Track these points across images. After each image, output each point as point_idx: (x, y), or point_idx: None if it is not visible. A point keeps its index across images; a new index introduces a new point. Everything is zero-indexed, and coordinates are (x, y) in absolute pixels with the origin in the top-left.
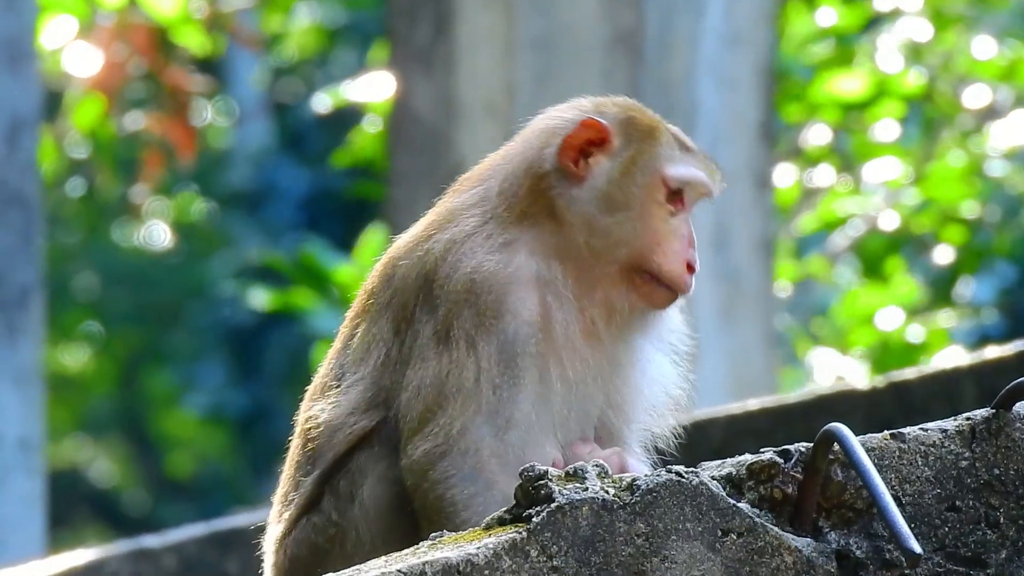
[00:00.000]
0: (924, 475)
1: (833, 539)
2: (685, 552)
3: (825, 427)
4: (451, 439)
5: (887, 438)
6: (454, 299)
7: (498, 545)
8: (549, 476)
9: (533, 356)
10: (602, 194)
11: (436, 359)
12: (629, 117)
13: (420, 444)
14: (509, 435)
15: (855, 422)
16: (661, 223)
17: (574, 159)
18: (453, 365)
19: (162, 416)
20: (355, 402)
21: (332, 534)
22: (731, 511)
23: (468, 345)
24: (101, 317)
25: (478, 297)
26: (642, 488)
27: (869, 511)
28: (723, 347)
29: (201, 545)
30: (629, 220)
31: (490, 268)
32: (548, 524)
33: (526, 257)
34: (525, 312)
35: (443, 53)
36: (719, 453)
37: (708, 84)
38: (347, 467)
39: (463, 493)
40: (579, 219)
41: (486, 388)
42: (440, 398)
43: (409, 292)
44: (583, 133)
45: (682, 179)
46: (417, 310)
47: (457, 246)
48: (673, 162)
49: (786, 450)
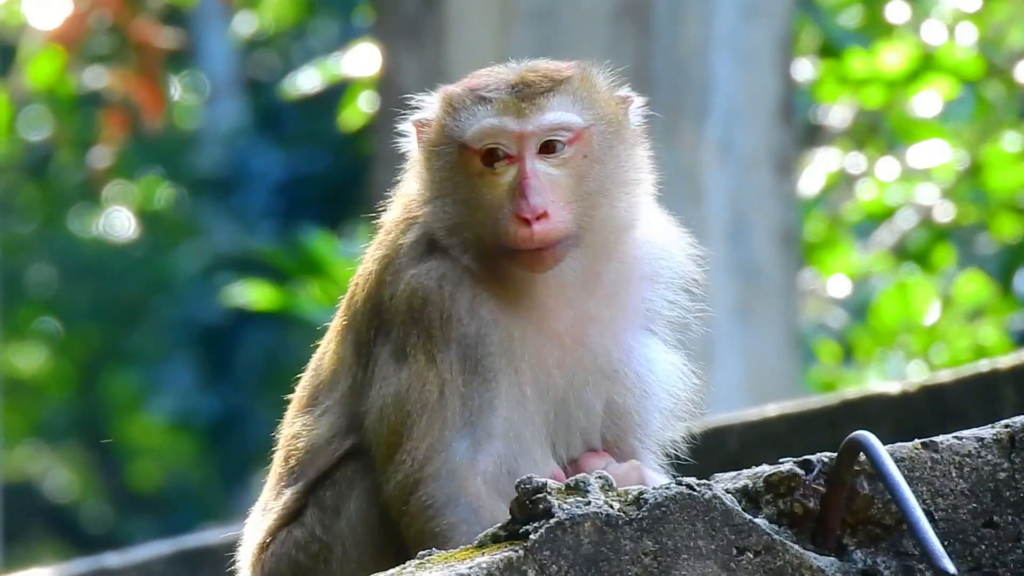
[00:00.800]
0: (959, 488)
1: (859, 558)
2: (697, 572)
3: (850, 435)
4: (420, 465)
5: (918, 447)
6: (401, 318)
7: (492, 564)
8: (548, 489)
9: (499, 356)
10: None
11: (396, 376)
12: (440, 97)
13: (392, 475)
14: (491, 446)
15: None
16: (483, 190)
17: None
18: (414, 378)
19: (125, 422)
20: (332, 429)
21: (315, 551)
22: (747, 527)
23: (427, 358)
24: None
25: (421, 310)
26: (650, 502)
27: (898, 527)
28: (740, 347)
29: (167, 564)
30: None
31: (421, 279)
32: (547, 541)
33: (444, 261)
34: (480, 311)
35: (432, 24)
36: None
37: (723, 59)
38: (333, 478)
39: (444, 523)
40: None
41: (452, 400)
42: (404, 417)
43: (363, 317)
44: (417, 137)
45: (478, 136)
46: (373, 334)
47: (388, 264)
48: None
49: (807, 460)
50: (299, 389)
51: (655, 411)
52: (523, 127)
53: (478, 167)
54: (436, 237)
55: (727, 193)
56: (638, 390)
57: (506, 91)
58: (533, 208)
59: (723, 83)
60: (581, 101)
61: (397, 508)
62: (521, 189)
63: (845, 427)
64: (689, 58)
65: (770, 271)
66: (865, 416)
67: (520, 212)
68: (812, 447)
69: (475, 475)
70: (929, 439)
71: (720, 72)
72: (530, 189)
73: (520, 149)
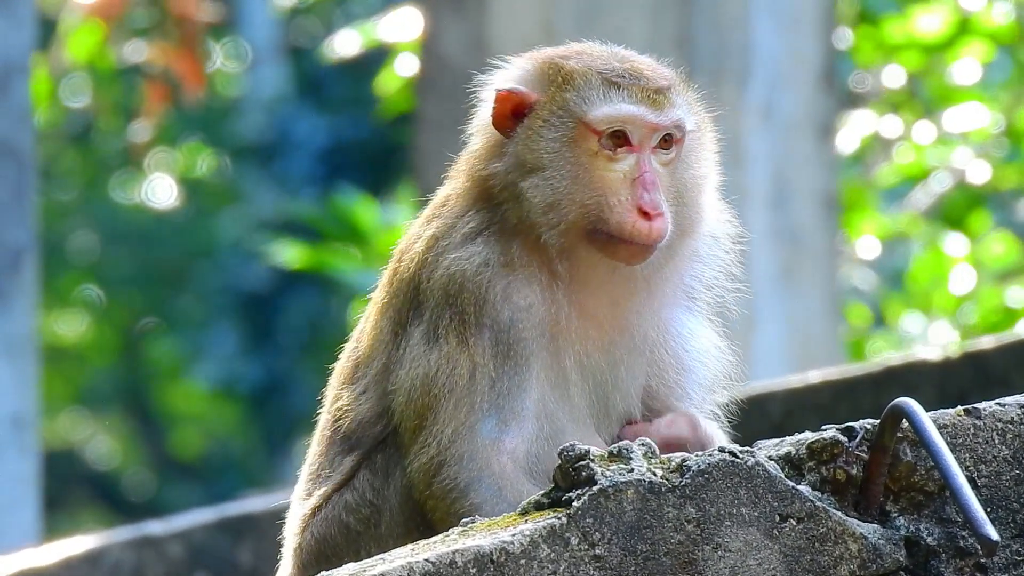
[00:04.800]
0: (1001, 454)
1: (902, 524)
2: (740, 539)
3: (893, 402)
4: (443, 447)
5: (961, 414)
6: (436, 301)
7: (535, 532)
8: (591, 456)
9: (533, 340)
10: (517, 159)
11: (425, 358)
12: (544, 69)
13: (416, 458)
14: (521, 427)
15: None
16: (597, 172)
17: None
18: (444, 361)
19: (167, 389)
20: (376, 408)
21: (365, 514)
22: (790, 494)
23: (458, 341)
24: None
25: (457, 296)
26: (693, 469)
27: (941, 494)
28: (782, 313)
29: (210, 531)
30: (553, 179)
31: (461, 264)
32: (590, 509)
33: (490, 246)
34: (513, 298)
35: None
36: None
37: (766, 24)
38: (385, 442)
39: (467, 503)
40: (506, 193)
41: (482, 384)
42: (430, 400)
43: (402, 295)
44: (503, 107)
45: (608, 119)
46: (409, 315)
47: (434, 245)
48: (593, 103)
49: (850, 427)
50: (342, 359)
51: (694, 386)
52: (658, 120)
53: (594, 147)
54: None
55: (769, 158)
56: (675, 368)
57: (637, 80)
58: (655, 203)
59: (765, 48)
60: (689, 104)
61: (421, 492)
62: (643, 182)
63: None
64: (731, 23)
65: (812, 236)
66: (908, 383)
67: (643, 205)
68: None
69: (500, 454)
70: (972, 406)
71: (762, 37)
72: (652, 184)
73: (644, 140)
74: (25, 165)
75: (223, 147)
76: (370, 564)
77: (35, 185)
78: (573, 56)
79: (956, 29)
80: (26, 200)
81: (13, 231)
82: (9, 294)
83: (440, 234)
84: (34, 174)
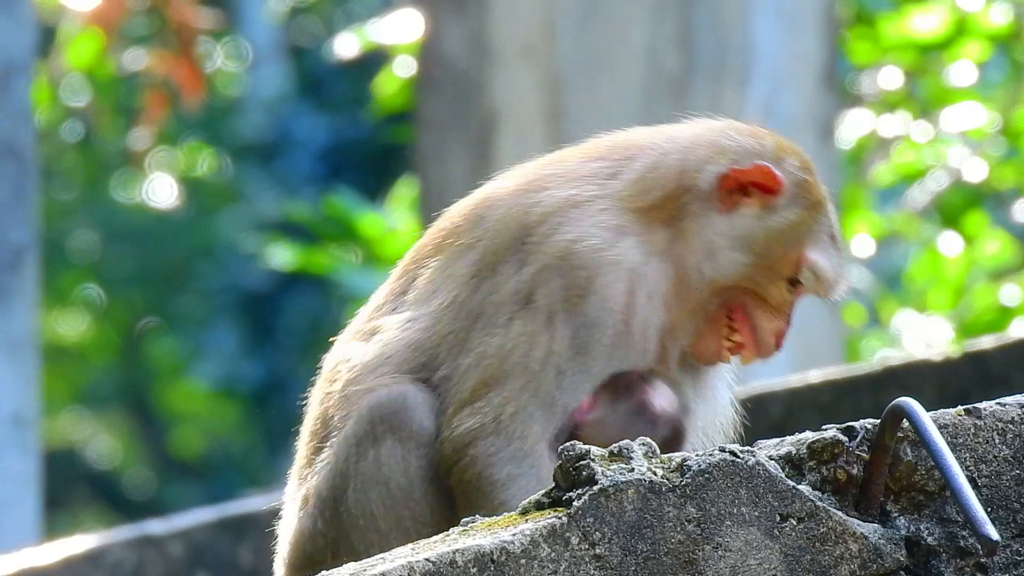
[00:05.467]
0: (1002, 454)
1: (902, 524)
2: (740, 539)
3: (893, 402)
4: (501, 420)
5: (961, 414)
6: (545, 262)
7: (535, 531)
8: (591, 456)
9: (607, 347)
10: (743, 236)
11: (506, 328)
12: (803, 181)
13: (467, 418)
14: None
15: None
16: (774, 287)
17: (730, 189)
18: (523, 339)
19: (168, 388)
20: (405, 343)
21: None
22: (791, 494)
23: (546, 320)
24: (101, 280)
25: (571, 269)
26: (693, 469)
27: (941, 494)
28: None
29: (210, 530)
30: (753, 268)
31: (592, 243)
32: (590, 508)
33: (632, 247)
34: (612, 299)
35: None
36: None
37: (766, 24)
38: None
39: (504, 472)
40: (704, 244)
41: (550, 372)
42: (499, 374)
43: (502, 239)
44: (755, 177)
45: (816, 269)
46: (504, 261)
47: (567, 209)
48: (819, 248)
49: (851, 427)
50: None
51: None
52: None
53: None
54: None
55: None
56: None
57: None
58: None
59: (765, 48)
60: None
61: (460, 449)
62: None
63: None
64: (731, 23)
65: None
66: (908, 383)
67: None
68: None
69: (541, 441)
70: (972, 405)
71: (762, 36)
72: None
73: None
74: (26, 164)
75: (223, 147)
76: (370, 563)
77: (36, 184)
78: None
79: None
80: (27, 199)
81: (14, 230)
82: (9, 293)
83: (581, 203)
84: (35, 173)
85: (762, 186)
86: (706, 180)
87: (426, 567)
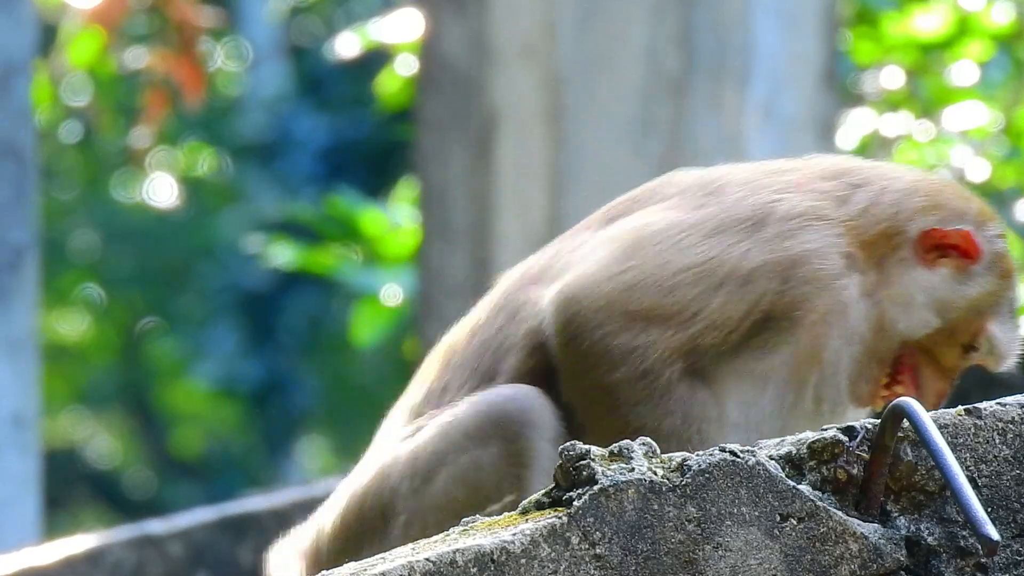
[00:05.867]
0: (1002, 454)
1: (903, 524)
2: (740, 539)
3: (893, 402)
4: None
5: (961, 414)
6: (772, 258)
7: (536, 531)
8: (591, 456)
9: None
10: (938, 298)
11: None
12: (1000, 255)
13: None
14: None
15: None
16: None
17: (930, 246)
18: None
19: (168, 388)
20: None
21: None
22: (791, 494)
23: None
24: (101, 280)
25: (795, 275)
26: (693, 469)
27: (942, 494)
28: None
29: (211, 530)
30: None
31: (827, 264)
32: (591, 508)
33: (855, 284)
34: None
35: None
36: None
37: (767, 23)
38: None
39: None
40: (904, 295)
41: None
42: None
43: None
44: (957, 240)
45: (994, 342)
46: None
47: (806, 219)
48: (999, 320)
49: (851, 427)
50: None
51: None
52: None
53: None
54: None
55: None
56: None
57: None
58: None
59: (766, 47)
60: None
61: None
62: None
63: None
64: (731, 23)
65: None
66: None
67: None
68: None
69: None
70: (972, 405)
71: (763, 36)
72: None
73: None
74: (26, 164)
75: (224, 146)
76: (371, 563)
77: (36, 184)
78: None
79: (956, 28)
80: (27, 199)
81: (14, 230)
82: (9, 293)
83: (823, 217)
84: (35, 173)
85: (961, 250)
86: (911, 230)
87: (426, 567)
